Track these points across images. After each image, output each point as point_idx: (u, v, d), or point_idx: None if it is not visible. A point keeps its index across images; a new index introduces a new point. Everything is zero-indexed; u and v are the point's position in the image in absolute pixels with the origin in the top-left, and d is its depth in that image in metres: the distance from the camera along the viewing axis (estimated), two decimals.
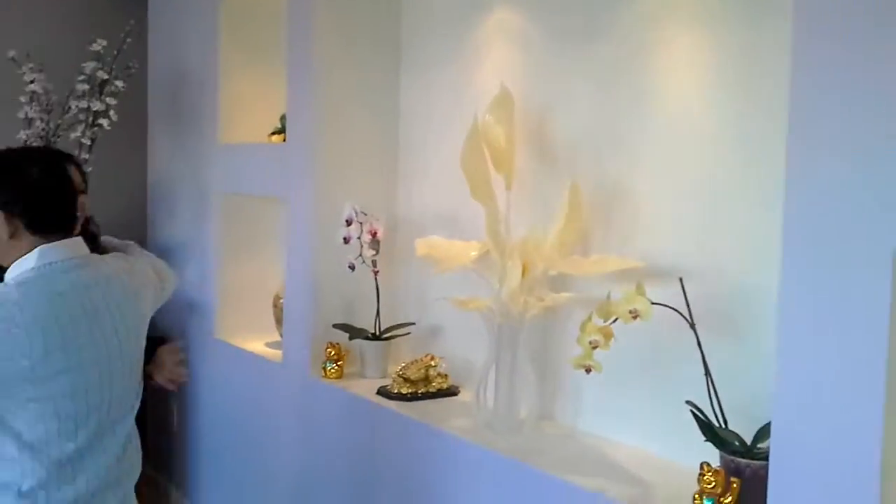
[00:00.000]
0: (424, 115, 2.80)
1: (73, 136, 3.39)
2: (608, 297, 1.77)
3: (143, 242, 4.13)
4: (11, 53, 3.29)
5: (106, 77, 3.40)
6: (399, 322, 2.81)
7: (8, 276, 1.73)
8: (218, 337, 3.39)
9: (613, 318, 1.75)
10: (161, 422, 3.84)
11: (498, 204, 2.21)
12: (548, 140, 2.31)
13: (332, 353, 2.73)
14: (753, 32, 1.81)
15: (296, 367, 2.87)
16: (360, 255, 2.64)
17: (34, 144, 3.34)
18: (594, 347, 1.73)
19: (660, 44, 2.01)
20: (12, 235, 1.70)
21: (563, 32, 2.27)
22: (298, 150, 2.85)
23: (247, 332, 3.38)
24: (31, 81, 3.31)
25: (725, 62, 1.87)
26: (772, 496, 1.42)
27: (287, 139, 2.94)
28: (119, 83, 3.44)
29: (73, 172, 2.01)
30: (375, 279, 2.73)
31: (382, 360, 2.75)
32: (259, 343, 3.31)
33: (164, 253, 3.85)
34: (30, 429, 1.66)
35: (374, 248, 2.63)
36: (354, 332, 2.74)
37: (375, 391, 2.55)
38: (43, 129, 3.34)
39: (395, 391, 2.49)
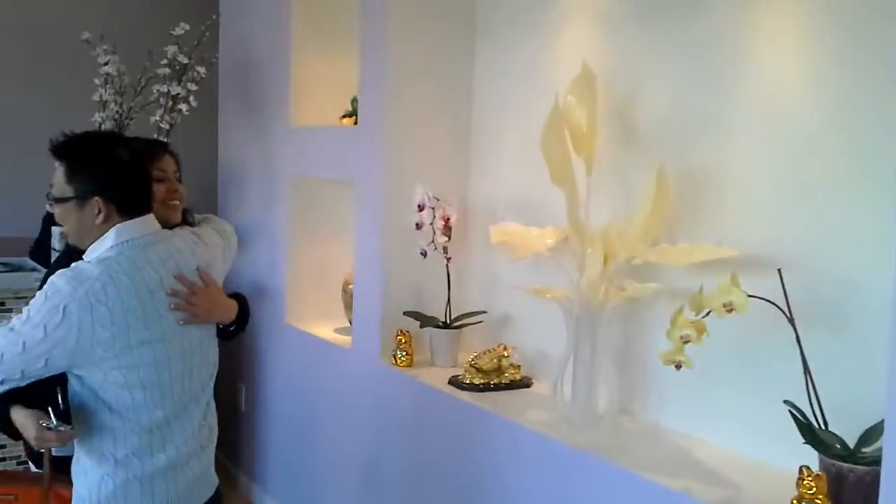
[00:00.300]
0: (498, 97, 2.72)
1: (152, 119, 3.40)
2: (700, 289, 1.66)
3: None
4: (86, 35, 3.31)
5: (186, 62, 3.39)
6: (469, 310, 2.73)
7: (88, 256, 1.77)
8: (288, 322, 3.38)
9: (706, 311, 1.64)
10: (229, 403, 3.85)
11: (578, 189, 2.12)
12: (630, 122, 2.20)
13: (403, 340, 2.67)
14: (860, 2, 1.67)
15: (365, 354, 2.82)
16: (433, 241, 2.57)
17: (107, 128, 3.36)
18: (685, 342, 1.63)
19: (754, 18, 1.88)
20: (105, 220, 1.74)
21: (647, 7, 2.15)
22: (369, 132, 2.80)
23: (316, 318, 3.36)
24: (105, 63, 3.32)
25: (827, 37, 1.74)
26: None
27: (358, 121, 2.88)
28: (201, 69, 3.43)
29: (169, 160, 2.01)
30: (447, 266, 2.66)
31: (452, 349, 2.69)
32: (328, 329, 3.28)
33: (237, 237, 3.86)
34: (118, 398, 1.72)
35: (446, 235, 2.56)
36: (425, 320, 2.68)
37: (447, 381, 2.49)
38: (117, 112, 3.36)
39: (468, 381, 2.42)
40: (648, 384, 2.13)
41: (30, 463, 2.19)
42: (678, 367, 1.66)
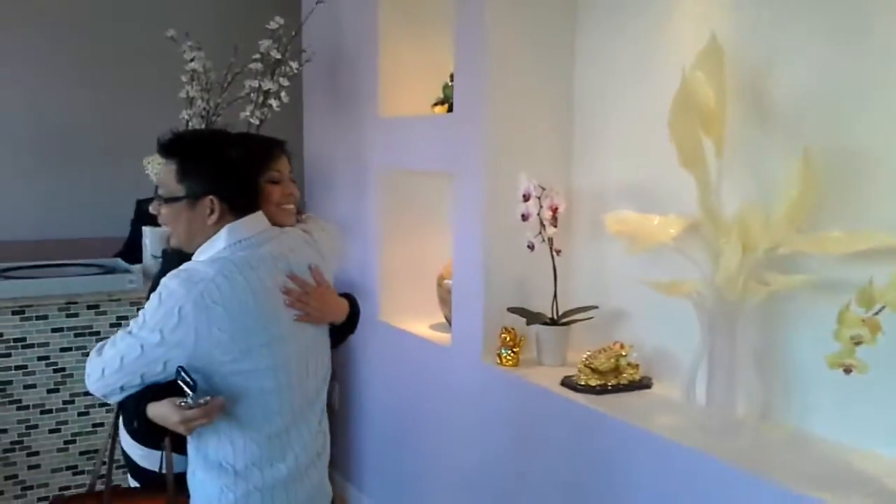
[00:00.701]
0: (603, 76, 2.54)
1: (241, 115, 3.32)
2: (870, 281, 1.46)
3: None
4: (171, 32, 3.25)
5: (280, 56, 3.30)
6: (576, 306, 2.57)
7: (198, 257, 1.70)
8: (381, 319, 3.27)
9: (879, 306, 1.45)
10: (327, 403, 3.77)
11: (710, 173, 1.93)
12: (764, 99, 1.99)
13: (508, 338, 2.52)
14: None
15: (467, 352, 2.68)
16: (540, 233, 2.41)
17: (194, 125, 3.29)
18: (857, 343, 1.44)
19: None
20: (217, 219, 1.68)
21: None
22: (466, 119, 2.65)
23: (410, 314, 3.24)
24: (191, 60, 3.26)
25: None
26: None
27: (454, 108, 2.74)
28: (294, 64, 3.34)
29: (284, 161, 1.92)
30: (553, 259, 2.50)
31: (561, 348, 2.53)
32: (423, 325, 3.15)
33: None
34: (238, 405, 1.65)
35: (555, 226, 2.40)
36: (532, 317, 2.53)
37: (558, 382, 2.33)
38: (204, 109, 3.29)
39: (583, 383, 2.26)
40: (792, 386, 1.93)
41: (129, 477, 2.12)
42: (848, 371, 1.47)
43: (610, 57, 2.51)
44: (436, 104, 3.03)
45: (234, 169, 1.71)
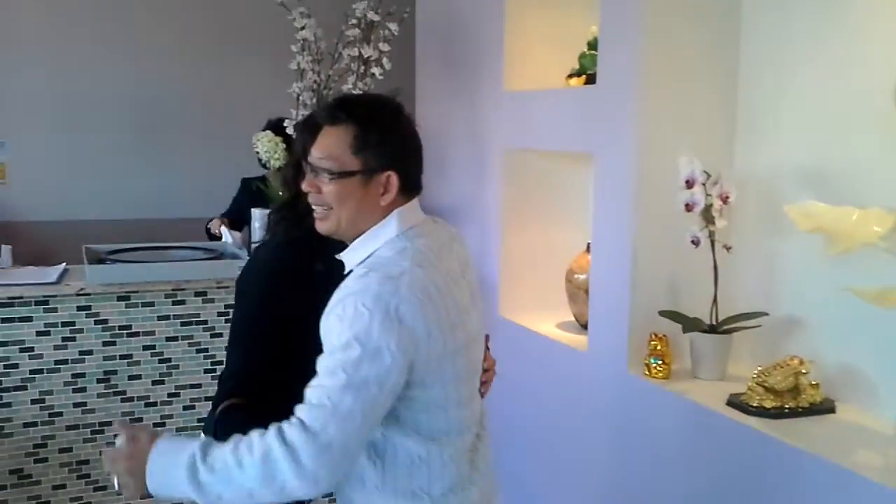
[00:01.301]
0: (777, 43, 2.16)
1: (344, 87, 3.08)
2: None
3: None
4: None
5: (377, 19, 3.04)
6: (739, 311, 2.21)
7: (363, 247, 1.42)
8: (502, 315, 2.98)
9: None
10: None
11: None
12: None
13: (658, 346, 2.19)
14: None
15: (608, 360, 2.37)
16: (707, 226, 2.07)
17: (304, 99, 3.06)
18: None
19: None
20: (390, 200, 1.42)
21: None
22: (612, 93, 2.32)
23: (534, 311, 2.94)
24: (302, 28, 3.02)
25: None
26: None
27: (598, 80, 2.41)
28: (392, 26, 3.06)
29: None
30: (714, 256, 2.15)
31: (721, 359, 2.18)
32: (548, 324, 2.85)
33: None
34: (434, 420, 1.40)
35: (725, 218, 2.05)
36: (687, 323, 2.18)
37: (723, 400, 1.99)
38: (315, 82, 3.06)
39: (756, 404, 1.92)
40: None
41: None
42: None
43: (782, 24, 2.13)
44: (571, 76, 2.70)
45: (414, 140, 1.47)
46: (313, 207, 1.44)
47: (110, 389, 2.65)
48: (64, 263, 2.77)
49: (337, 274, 1.42)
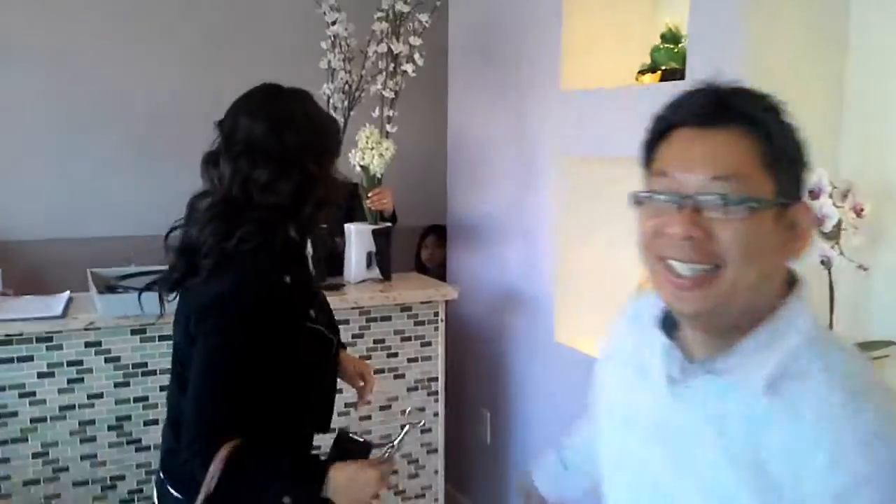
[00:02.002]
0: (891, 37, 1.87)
1: (373, 89, 2.75)
2: None
3: (440, 217, 3.52)
4: None
5: (406, 10, 2.72)
6: (863, 339, 1.91)
7: (780, 341, 0.90)
8: (557, 341, 2.67)
9: None
10: (469, 432, 3.21)
11: None
12: None
13: None
14: None
15: None
16: (837, 243, 1.77)
17: (336, 101, 2.74)
18: None
19: None
20: (801, 252, 0.93)
21: None
22: None
23: (596, 334, 2.63)
24: (333, 23, 2.70)
25: None
26: None
27: (686, 76, 2.10)
28: (423, 17, 2.74)
29: None
30: (830, 277, 1.85)
31: None
32: None
33: (470, 230, 3.19)
34: None
35: (863, 234, 1.75)
36: None
37: None
38: (346, 83, 2.73)
39: None
40: None
41: None
42: None
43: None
44: (643, 72, 2.39)
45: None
46: (671, 263, 0.90)
47: (123, 438, 2.31)
48: (68, 292, 2.42)
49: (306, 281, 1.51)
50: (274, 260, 1.45)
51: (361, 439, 1.50)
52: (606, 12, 2.58)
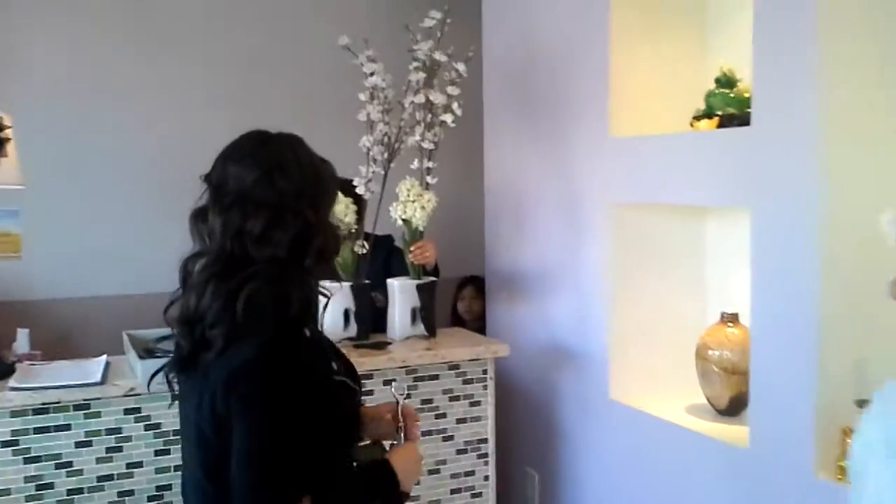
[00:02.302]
0: None
1: (410, 140, 2.68)
2: None
3: (476, 267, 3.42)
4: (345, 41, 2.64)
5: (444, 59, 2.65)
6: None
7: None
8: (614, 399, 2.55)
9: None
10: (514, 491, 3.07)
11: None
12: None
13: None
14: None
15: (783, 460, 1.93)
16: None
17: (375, 154, 2.66)
18: None
19: None
20: None
21: None
22: (777, 136, 1.92)
23: (652, 391, 2.52)
24: (371, 74, 2.63)
25: None
26: None
27: (752, 122, 2.02)
28: (460, 66, 2.68)
29: None
30: None
31: None
32: (673, 407, 2.42)
33: (511, 282, 3.09)
34: None
35: None
36: None
37: None
38: (385, 135, 2.66)
39: None
40: None
41: None
42: None
43: None
44: (698, 118, 2.31)
45: None
46: None
47: None
48: (105, 356, 2.32)
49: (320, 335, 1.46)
50: (291, 314, 1.34)
51: (368, 440, 1.57)
52: (654, 55, 2.51)
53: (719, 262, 2.55)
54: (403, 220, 2.59)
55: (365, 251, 2.62)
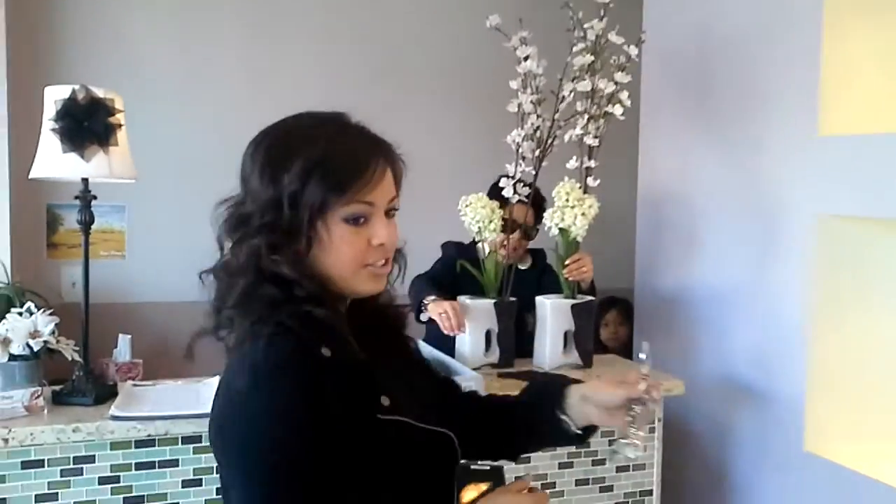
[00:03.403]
0: None
1: (569, 135, 2.29)
2: None
3: (624, 288, 3.01)
4: (495, 21, 2.27)
5: (620, 41, 2.27)
6: None
7: None
8: (810, 451, 2.10)
9: None
10: None
11: None
12: None
13: None
14: None
15: None
16: None
17: (525, 150, 2.29)
18: None
19: None
20: None
21: None
22: None
23: (862, 442, 2.06)
24: (525, 58, 2.26)
25: None
26: None
27: None
28: (632, 49, 2.29)
29: None
30: None
31: None
32: (889, 462, 1.96)
33: (668, 306, 2.66)
34: None
35: None
36: None
37: None
38: (536, 128, 2.28)
39: None
40: None
41: None
42: None
43: None
44: None
45: None
46: None
47: None
48: (218, 377, 2.01)
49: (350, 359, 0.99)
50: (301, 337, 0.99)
51: (488, 465, 1.10)
52: (876, 35, 2.06)
53: None
54: (560, 228, 2.20)
55: (525, 267, 2.26)
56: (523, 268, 2.45)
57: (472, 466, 1.11)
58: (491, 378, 2.14)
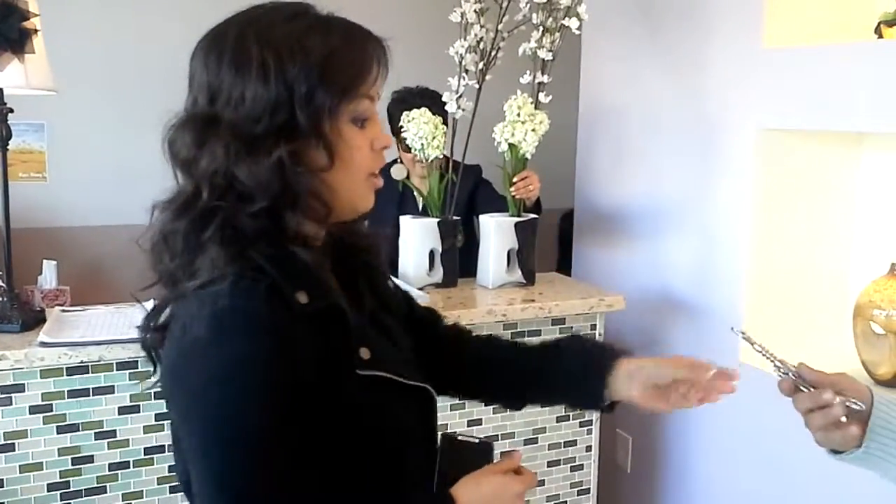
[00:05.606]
0: None
1: (522, 48, 2.22)
2: None
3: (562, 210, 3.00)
4: None
5: None
6: None
7: None
8: (746, 361, 2.15)
9: None
10: (603, 456, 2.71)
11: None
12: None
13: None
14: None
15: None
16: None
17: (468, 63, 2.21)
18: None
19: None
20: None
21: None
22: None
23: (796, 355, 2.10)
24: None
25: None
26: None
27: None
28: None
29: None
30: None
31: None
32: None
33: (607, 221, 2.67)
34: None
35: None
36: None
37: None
38: (479, 40, 2.21)
39: None
40: None
41: None
42: None
43: None
44: (889, 23, 1.85)
45: None
46: None
47: None
48: (153, 301, 1.94)
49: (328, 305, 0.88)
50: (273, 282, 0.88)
51: (476, 439, 1.06)
52: None
53: (883, 205, 2.12)
54: (510, 144, 2.15)
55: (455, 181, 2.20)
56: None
57: (459, 438, 1.06)
58: (434, 295, 2.12)
